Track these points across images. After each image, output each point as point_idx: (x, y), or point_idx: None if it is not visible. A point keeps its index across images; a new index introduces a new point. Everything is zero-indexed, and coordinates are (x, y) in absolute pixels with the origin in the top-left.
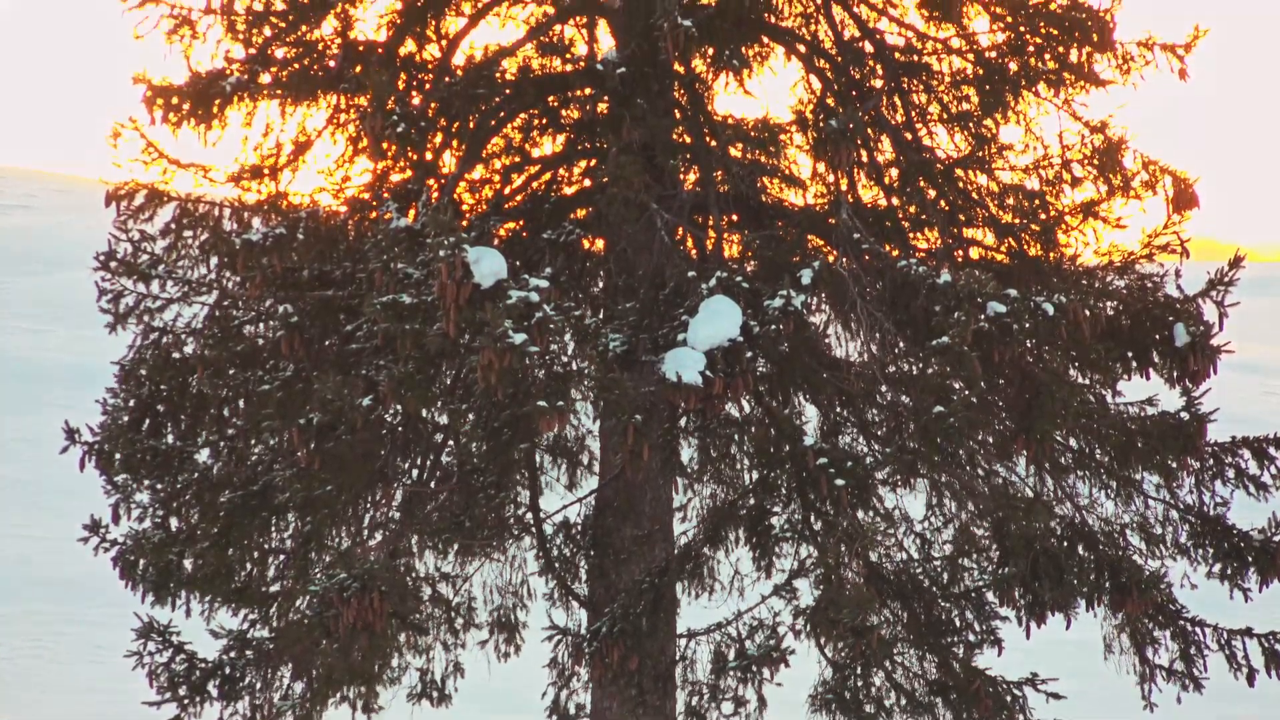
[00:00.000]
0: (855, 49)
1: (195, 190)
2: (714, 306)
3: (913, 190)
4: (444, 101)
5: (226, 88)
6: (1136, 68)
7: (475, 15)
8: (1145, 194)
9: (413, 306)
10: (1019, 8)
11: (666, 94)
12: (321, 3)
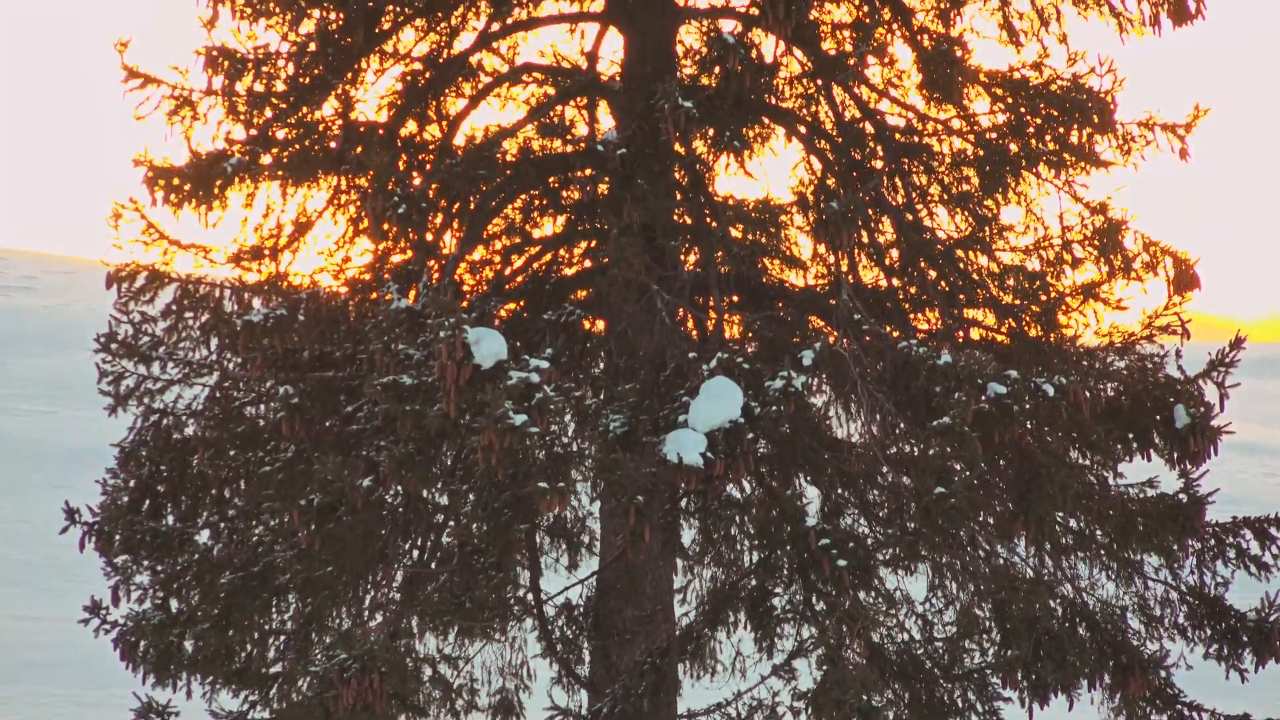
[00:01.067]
0: (856, 130)
1: (196, 271)
2: (715, 388)
3: (913, 271)
4: (445, 182)
5: (227, 169)
6: (1137, 148)
7: (476, 96)
8: (1146, 275)
9: (413, 387)
10: (1019, 89)
11: (667, 175)
12: (322, 84)
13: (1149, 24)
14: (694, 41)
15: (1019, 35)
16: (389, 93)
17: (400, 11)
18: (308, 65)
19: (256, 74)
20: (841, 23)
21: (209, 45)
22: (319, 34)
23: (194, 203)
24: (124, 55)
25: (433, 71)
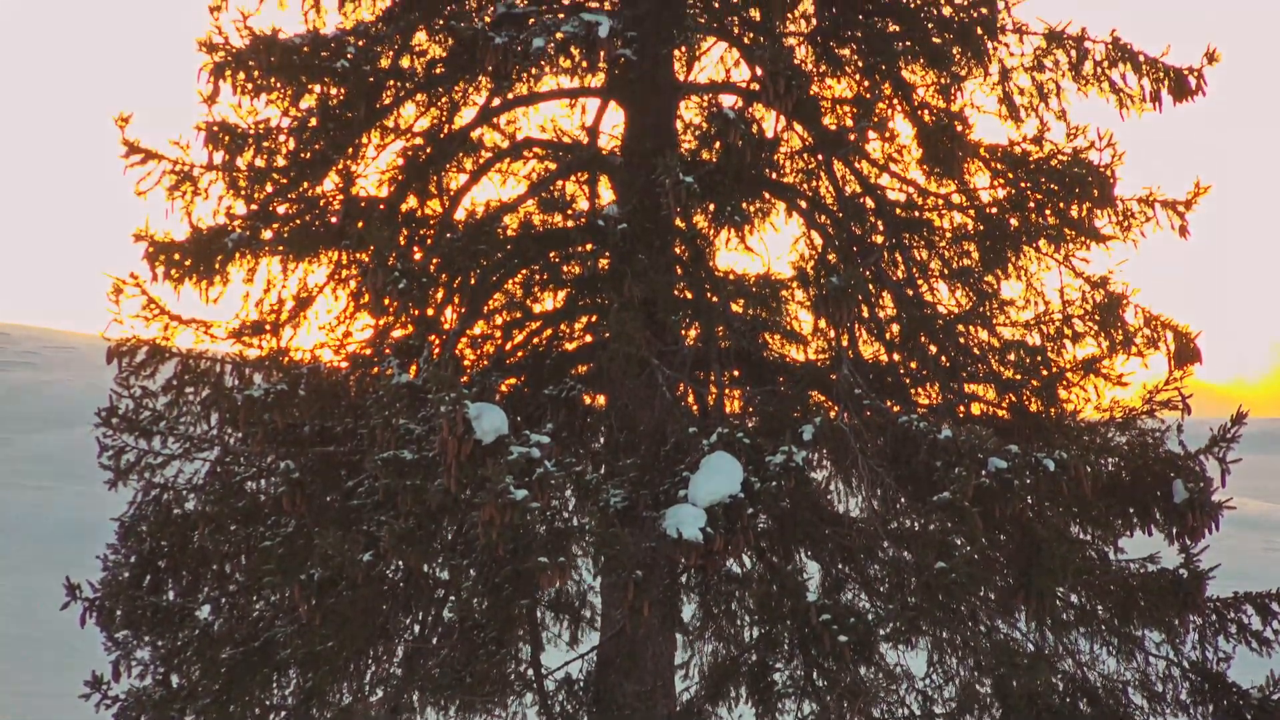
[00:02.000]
0: (856, 205)
1: (197, 346)
2: (715, 463)
3: (914, 346)
4: (446, 257)
5: (228, 244)
6: (1137, 224)
7: (477, 171)
8: (1147, 350)
9: (414, 462)
10: (1020, 163)
11: (668, 249)
12: (323, 159)
13: (1149, 100)
14: (694, 116)
15: (1019, 110)
16: (390, 168)
17: (401, 87)
18: (309, 140)
19: (257, 149)
20: (842, 98)
21: (209, 120)
22: (320, 109)
23: (195, 278)
24: (125, 130)
25: (434, 146)
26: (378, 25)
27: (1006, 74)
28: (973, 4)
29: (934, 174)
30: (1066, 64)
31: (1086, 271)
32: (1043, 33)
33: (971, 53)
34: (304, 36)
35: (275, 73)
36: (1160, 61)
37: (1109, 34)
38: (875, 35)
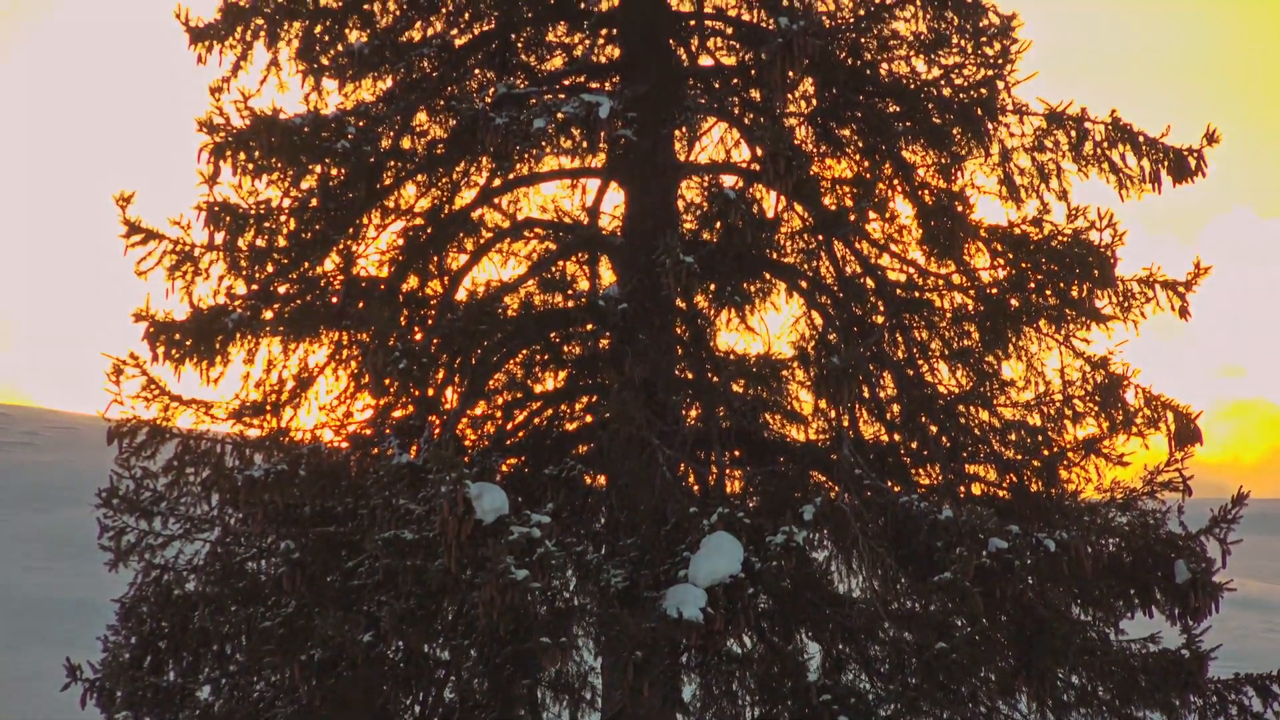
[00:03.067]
0: (857, 285)
1: (197, 426)
2: (715, 543)
3: (914, 426)
4: (446, 338)
5: (229, 324)
6: (1137, 304)
7: (478, 251)
8: (1148, 430)
9: (414, 542)
10: (1020, 244)
11: (668, 330)
12: (324, 240)
13: (1149, 181)
14: (695, 196)
15: (1019, 191)
16: (390, 248)
17: (402, 167)
18: (309, 220)
19: (258, 229)
20: (842, 178)
21: (210, 200)
22: (321, 189)
23: (195, 358)
24: (125, 210)
25: (434, 227)
26: (378, 106)
27: (1007, 154)
28: (973, 85)
29: (934, 254)
30: (1067, 144)
31: (1087, 351)
32: (1043, 113)
33: (972, 133)
34: (305, 117)
35: (276, 153)
36: (1160, 142)
37: (1109, 114)
38: (875, 115)
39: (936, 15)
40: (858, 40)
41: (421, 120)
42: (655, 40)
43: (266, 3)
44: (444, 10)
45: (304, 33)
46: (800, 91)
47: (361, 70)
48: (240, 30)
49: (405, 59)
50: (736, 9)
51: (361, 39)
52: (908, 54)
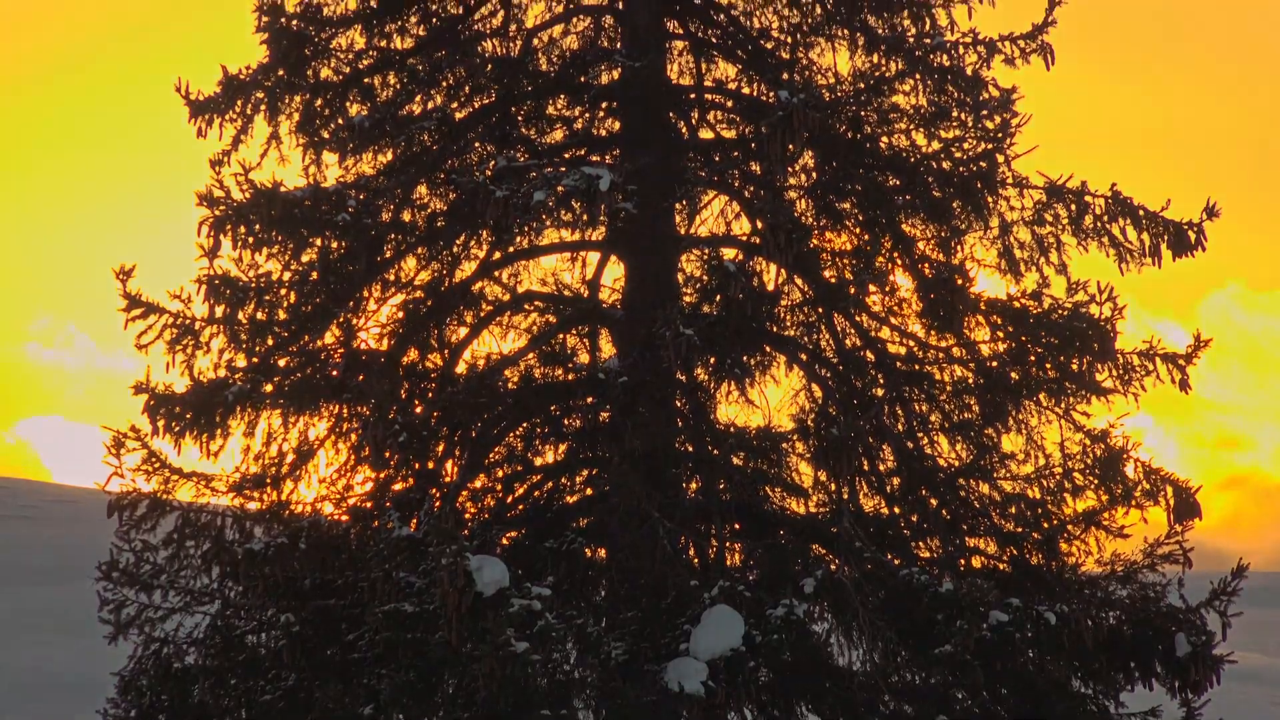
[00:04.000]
0: (857, 357)
1: (197, 499)
2: (716, 616)
3: (914, 499)
4: (446, 411)
5: (229, 397)
6: (1137, 378)
7: (478, 324)
8: (1147, 503)
9: (415, 615)
10: (1020, 317)
11: (668, 402)
12: (324, 313)
13: (1149, 255)
14: (695, 269)
15: (1019, 264)
16: (390, 321)
17: (402, 240)
18: (310, 294)
19: (258, 303)
20: (842, 251)
21: (210, 273)
22: (321, 262)
23: (195, 431)
24: (126, 284)
25: (434, 300)
26: (379, 179)
27: (1007, 227)
28: (973, 158)
29: (934, 327)
30: (1066, 218)
31: (1087, 425)
32: (1043, 186)
33: (972, 207)
34: (305, 190)
35: (276, 226)
36: (1160, 216)
37: (1109, 187)
38: (876, 189)
39: (937, 89)
40: (858, 113)
41: (422, 193)
42: (656, 113)
43: (267, 76)
44: (444, 84)
45: (304, 106)
46: (800, 164)
47: (362, 144)
48: (240, 104)
49: (406, 132)
50: (736, 82)
51: (362, 113)
52: (908, 127)
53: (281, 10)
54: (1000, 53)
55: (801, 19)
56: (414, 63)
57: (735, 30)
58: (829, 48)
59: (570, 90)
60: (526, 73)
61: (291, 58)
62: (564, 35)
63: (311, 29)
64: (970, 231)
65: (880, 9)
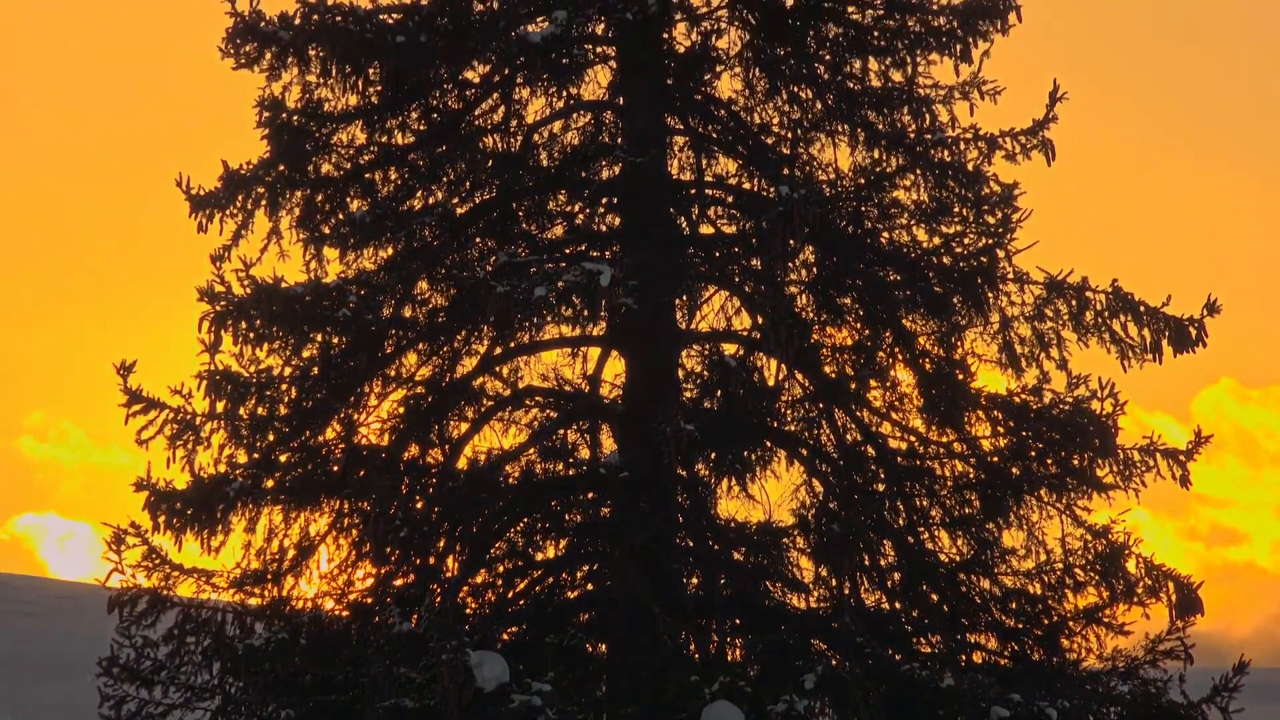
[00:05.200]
0: (858, 453)
1: (198, 595)
2: (717, 712)
3: (915, 594)
4: (447, 506)
5: (230, 493)
6: (1138, 474)
7: (478, 420)
8: (1148, 599)
9: (415, 711)
10: (1021, 413)
11: (669, 498)
12: (325, 408)
13: (1150, 351)
14: (695, 364)
15: (1020, 360)
16: (391, 416)
17: (403, 335)
18: (310, 389)
19: (259, 398)
20: (843, 346)
21: (211, 369)
22: (322, 358)
23: (196, 527)
24: (126, 379)
25: (435, 395)
26: (380, 274)
27: (1007, 323)
28: (974, 253)
29: (935, 422)
30: (1067, 313)
31: (1088, 520)
32: (1044, 282)
33: (972, 302)
34: (306, 285)
35: (277, 322)
36: (1161, 312)
37: (1109, 283)
38: (876, 284)
39: (938, 184)
40: (859, 208)
41: (423, 288)
42: (656, 209)
43: (268, 171)
44: (445, 179)
45: (305, 201)
46: (801, 259)
47: (363, 239)
48: (241, 199)
49: (406, 228)
50: (737, 177)
51: (363, 208)
52: (909, 222)
53: (283, 106)
54: (1001, 148)
55: (802, 114)
56: (415, 158)
57: (736, 125)
58: (829, 143)
59: (571, 185)
60: (527, 168)
61: (292, 153)
62: (565, 131)
63: (312, 124)
64: (971, 326)
65: (881, 104)
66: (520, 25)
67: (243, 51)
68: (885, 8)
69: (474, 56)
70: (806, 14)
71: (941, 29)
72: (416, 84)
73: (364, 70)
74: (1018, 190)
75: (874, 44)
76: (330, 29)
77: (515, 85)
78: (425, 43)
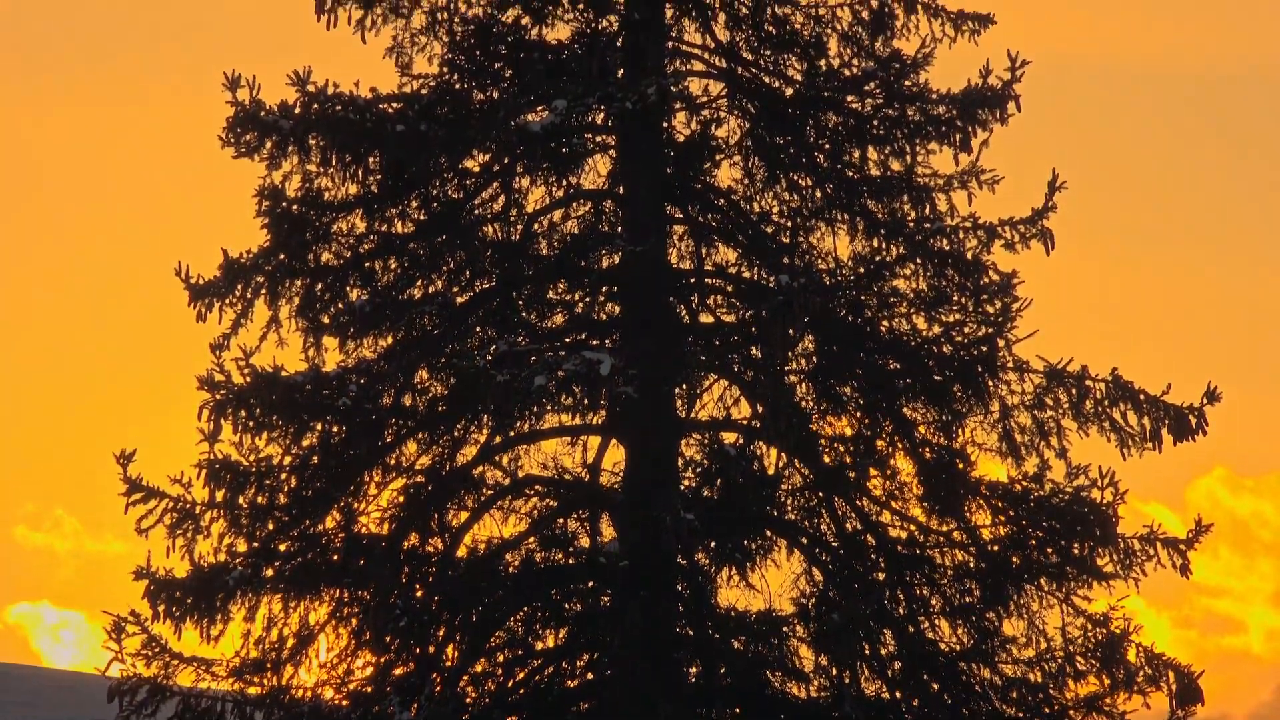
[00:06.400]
0: (858, 541)
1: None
2: None
3: (916, 684)
4: (447, 595)
5: (229, 582)
6: (1138, 563)
7: (478, 509)
8: (1149, 689)
9: None
10: (1021, 501)
11: (669, 586)
12: (325, 497)
13: (1149, 440)
14: (695, 453)
15: (1020, 448)
16: (391, 505)
17: (403, 424)
18: (310, 478)
19: (259, 487)
20: (843, 435)
21: (210, 457)
22: (321, 447)
23: (196, 616)
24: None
25: (435, 484)
26: (380, 363)
27: (1007, 411)
28: (974, 342)
29: (935, 511)
30: (1067, 402)
31: (1088, 609)
32: (1043, 370)
33: (972, 391)
34: (306, 374)
35: (277, 411)
36: (1161, 400)
37: (1109, 371)
38: (876, 373)
39: (937, 273)
40: (858, 298)
41: (423, 377)
42: (656, 298)
43: (268, 260)
44: (445, 268)
45: (305, 290)
46: (801, 348)
47: (362, 328)
48: (241, 288)
49: (406, 316)
50: (737, 267)
51: (363, 297)
52: (908, 311)
53: (283, 194)
54: (1000, 237)
55: (802, 203)
56: (415, 247)
57: (735, 215)
58: (829, 231)
59: (571, 274)
60: (527, 257)
61: (292, 242)
62: (564, 220)
63: (312, 213)
64: (971, 415)
65: (880, 194)
66: (520, 115)
67: (243, 140)
68: (885, 97)
69: (474, 146)
70: (806, 103)
71: (941, 118)
72: (416, 173)
73: (364, 159)
74: (1017, 279)
75: (873, 133)
76: (330, 118)
77: (515, 174)
78: (425, 132)
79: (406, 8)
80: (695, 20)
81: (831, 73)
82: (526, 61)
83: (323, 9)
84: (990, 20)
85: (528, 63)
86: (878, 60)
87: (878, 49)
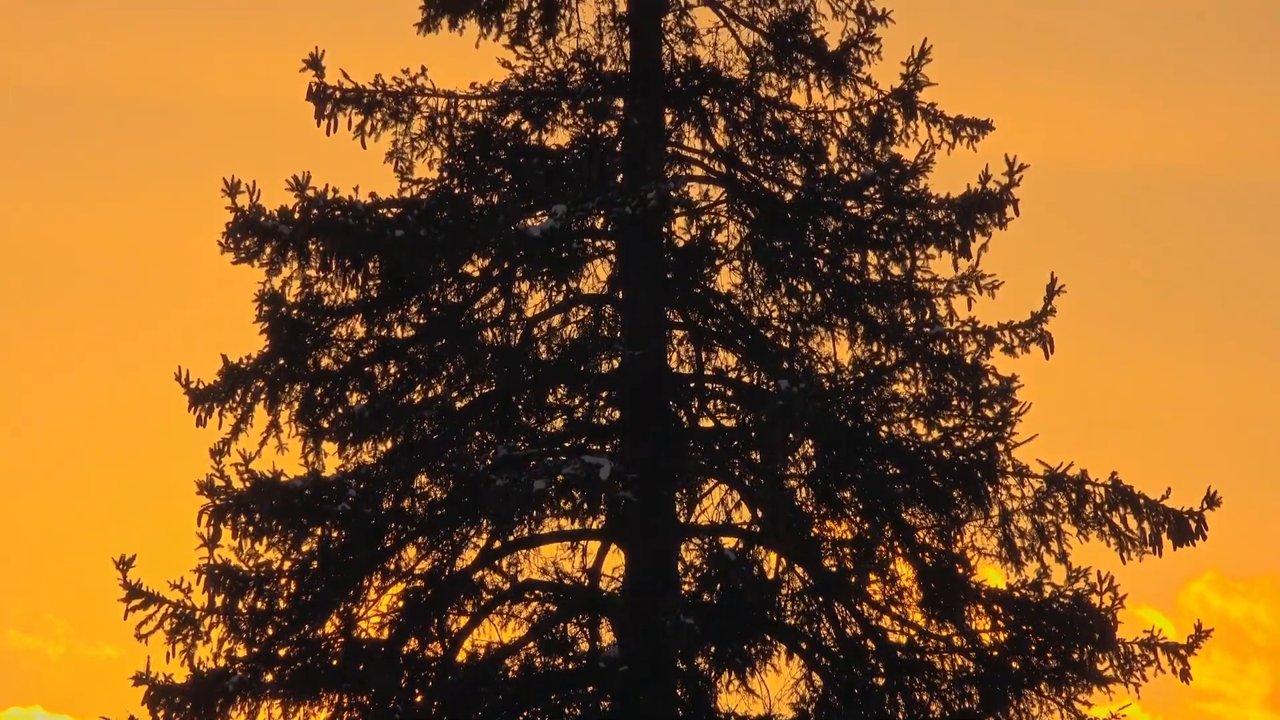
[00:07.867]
0: (858, 646)
1: None
2: None
3: None
4: (446, 700)
5: (229, 687)
6: (1138, 668)
7: (478, 614)
8: None
9: None
10: (1021, 607)
11: (669, 691)
12: (324, 602)
13: (1149, 544)
14: (695, 558)
15: (1020, 553)
16: (391, 610)
17: (403, 529)
18: (310, 583)
19: (258, 592)
20: (843, 539)
21: (210, 563)
22: (321, 552)
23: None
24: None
25: (435, 589)
26: (379, 468)
27: (1007, 516)
28: (973, 447)
29: (935, 616)
30: (1067, 506)
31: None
32: (1043, 475)
33: (972, 496)
34: (305, 479)
35: (276, 516)
36: (1161, 505)
37: (1109, 475)
38: (876, 477)
39: (936, 377)
40: (858, 402)
41: (422, 482)
42: (656, 402)
43: (267, 365)
44: (445, 373)
45: (304, 395)
46: (801, 453)
47: (362, 433)
48: (240, 393)
49: (406, 421)
50: (737, 371)
51: (362, 402)
52: (908, 416)
53: (282, 300)
54: (1000, 341)
55: (801, 308)
56: (414, 351)
57: (735, 319)
58: (829, 336)
59: (570, 379)
60: (526, 361)
61: (292, 347)
62: (564, 324)
63: (312, 318)
64: (970, 520)
65: (880, 298)
66: (520, 220)
67: (243, 246)
68: (884, 202)
69: (474, 250)
70: (806, 208)
71: (940, 223)
72: (416, 278)
73: (364, 264)
74: (1016, 383)
75: (873, 238)
76: (330, 224)
77: (515, 279)
78: (425, 237)
79: (406, 113)
80: (695, 126)
81: (831, 178)
82: (526, 167)
83: (323, 114)
84: (989, 126)
85: (527, 168)
86: (877, 165)
87: (877, 154)
